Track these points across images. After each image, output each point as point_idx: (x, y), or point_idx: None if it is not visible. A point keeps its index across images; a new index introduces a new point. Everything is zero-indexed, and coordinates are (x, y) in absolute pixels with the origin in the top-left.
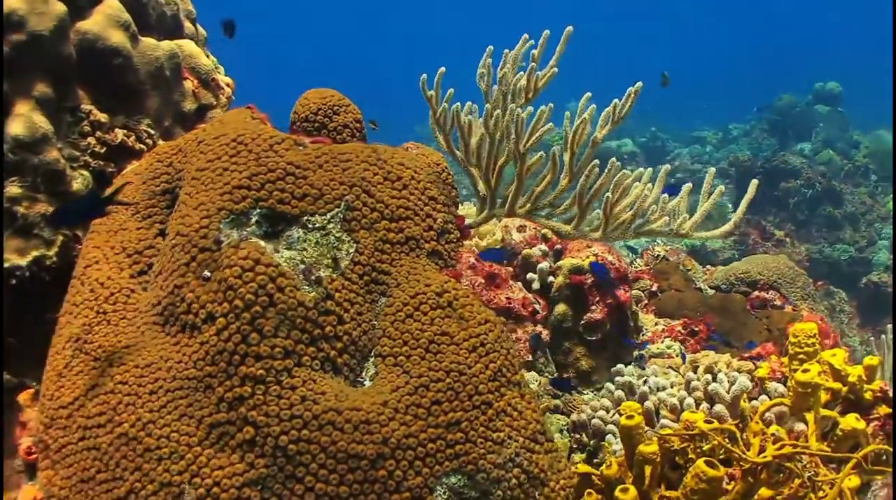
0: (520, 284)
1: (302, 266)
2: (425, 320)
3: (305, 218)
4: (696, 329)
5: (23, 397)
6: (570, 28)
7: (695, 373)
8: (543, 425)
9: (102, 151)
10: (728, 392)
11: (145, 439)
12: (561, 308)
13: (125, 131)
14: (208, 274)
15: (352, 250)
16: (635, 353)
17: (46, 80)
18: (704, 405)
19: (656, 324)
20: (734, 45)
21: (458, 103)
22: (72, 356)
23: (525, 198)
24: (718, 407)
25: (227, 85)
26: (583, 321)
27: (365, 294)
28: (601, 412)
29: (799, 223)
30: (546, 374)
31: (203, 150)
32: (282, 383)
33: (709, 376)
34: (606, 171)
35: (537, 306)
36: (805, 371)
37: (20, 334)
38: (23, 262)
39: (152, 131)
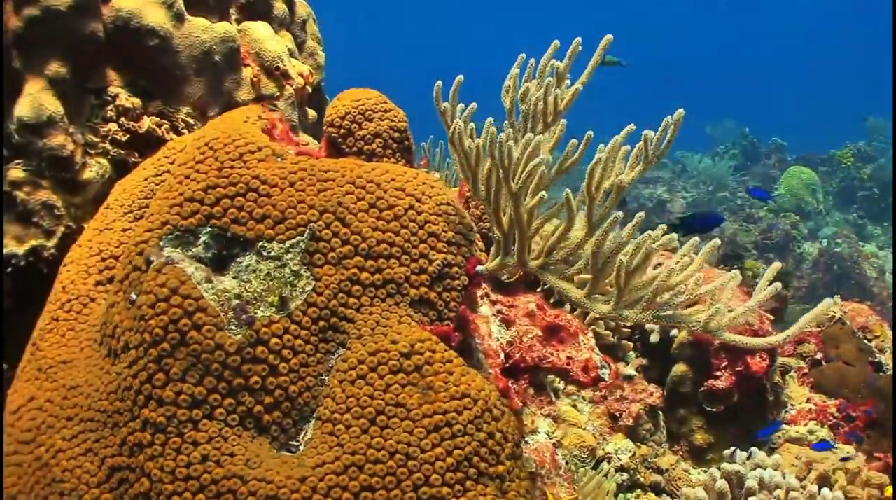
0: (592, 341)
1: (236, 302)
2: (379, 385)
3: (261, 244)
4: (854, 415)
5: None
6: (609, 37)
7: (804, 479)
8: None
9: (125, 138)
10: None
11: (54, 468)
12: (680, 369)
13: (157, 119)
14: (133, 297)
15: (308, 289)
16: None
17: (62, 58)
18: None
19: (808, 400)
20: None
21: (472, 123)
22: (27, 361)
23: (539, 249)
24: None
25: (300, 75)
26: (703, 388)
27: (317, 343)
28: None
29: None
30: (651, 443)
31: (186, 150)
32: (183, 436)
33: (814, 489)
34: (629, 227)
35: (604, 373)
36: None
37: (12, 326)
38: (20, 250)
39: (192, 121)
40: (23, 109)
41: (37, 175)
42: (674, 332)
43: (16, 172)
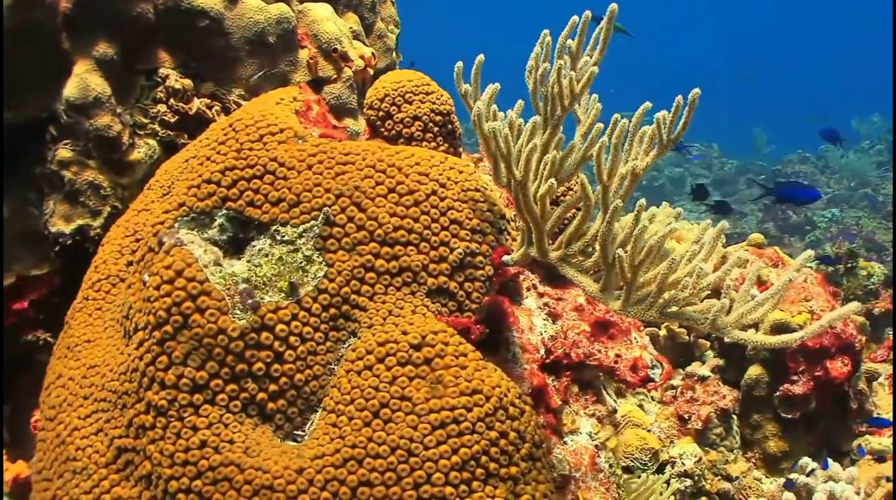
0: (646, 340)
1: (243, 286)
2: (385, 376)
3: (275, 228)
4: None
5: None
6: (614, 6)
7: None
8: None
9: (174, 120)
10: None
11: (69, 446)
12: (755, 371)
13: (207, 101)
14: (146, 278)
15: (320, 275)
16: (854, 444)
17: (109, 39)
18: None
19: None
20: None
21: (495, 106)
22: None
23: (560, 239)
24: None
25: (361, 57)
26: (778, 393)
27: (327, 331)
28: None
29: None
30: (721, 448)
31: (213, 130)
32: (183, 420)
33: None
34: (634, 215)
35: (654, 373)
36: None
37: (61, 305)
38: (67, 229)
39: (244, 103)
40: (70, 89)
41: (84, 155)
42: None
43: (63, 152)
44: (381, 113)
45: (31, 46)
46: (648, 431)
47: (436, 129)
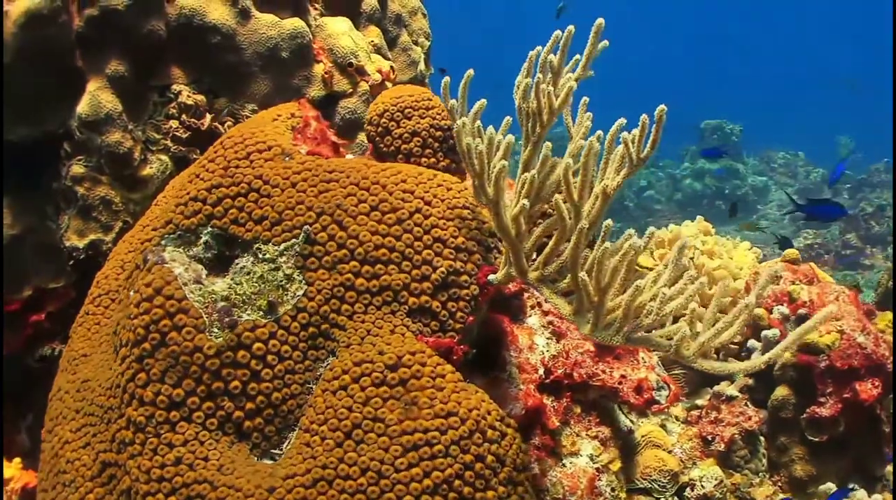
0: (654, 360)
1: (222, 304)
2: (359, 397)
3: (257, 245)
4: None
5: None
6: (600, 21)
7: None
8: None
9: (185, 136)
10: None
11: (61, 459)
12: (781, 392)
13: (220, 117)
14: (131, 295)
15: (299, 293)
16: (887, 469)
17: (121, 57)
18: None
19: None
20: None
21: (479, 121)
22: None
23: (542, 259)
24: None
25: (379, 71)
26: (805, 415)
27: (306, 350)
28: None
29: None
30: (746, 471)
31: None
32: (160, 437)
33: None
34: (601, 235)
35: (660, 395)
36: None
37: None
38: (80, 244)
39: None
40: (83, 106)
41: (97, 171)
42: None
43: (77, 168)
44: (379, 128)
45: (47, 63)
46: (669, 452)
47: (436, 145)
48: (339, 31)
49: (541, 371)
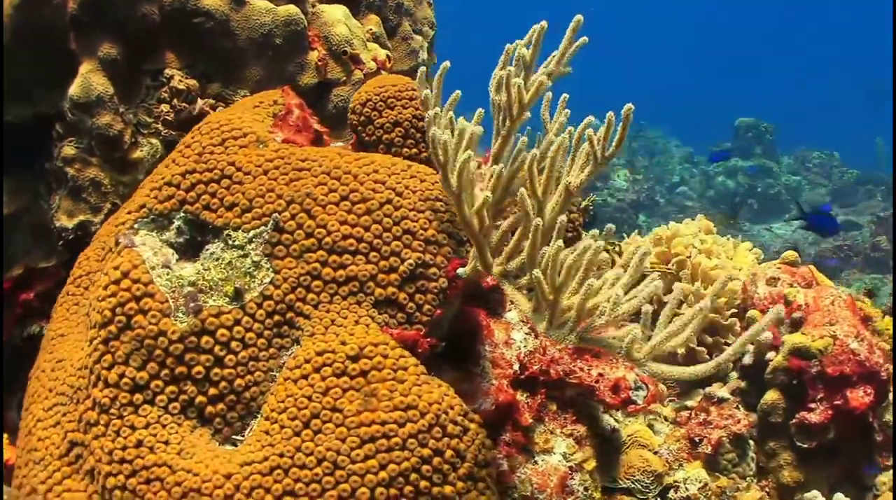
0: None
1: (188, 289)
2: (319, 386)
3: (227, 232)
4: None
5: None
6: (578, 17)
7: None
8: None
9: (176, 120)
10: None
11: (33, 437)
12: (771, 396)
13: (212, 101)
14: (102, 277)
15: (266, 281)
16: (878, 478)
17: (114, 40)
18: None
19: None
20: None
21: (451, 113)
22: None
23: (505, 254)
24: None
25: (374, 59)
26: (794, 420)
27: (271, 338)
28: None
29: None
30: (733, 475)
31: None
32: (123, 419)
33: None
34: (555, 235)
35: (637, 395)
36: None
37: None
38: (69, 224)
39: None
40: (74, 88)
41: (87, 153)
42: (770, 354)
43: (68, 149)
44: (362, 118)
45: (41, 44)
46: (655, 453)
47: (418, 135)
48: (334, 18)
49: (516, 367)
